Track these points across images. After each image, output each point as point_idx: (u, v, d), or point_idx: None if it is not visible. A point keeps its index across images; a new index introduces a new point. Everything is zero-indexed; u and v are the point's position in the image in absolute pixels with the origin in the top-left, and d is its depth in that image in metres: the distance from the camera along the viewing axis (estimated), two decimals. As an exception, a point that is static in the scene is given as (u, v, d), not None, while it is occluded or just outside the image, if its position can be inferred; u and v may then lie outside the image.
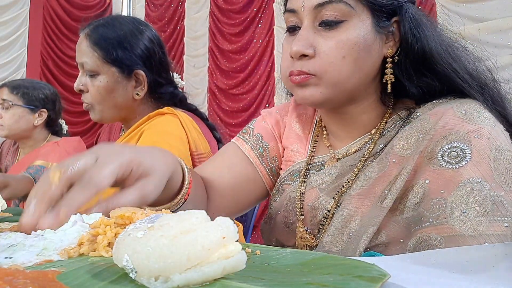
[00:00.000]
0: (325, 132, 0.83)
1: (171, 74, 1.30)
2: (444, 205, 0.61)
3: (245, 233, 1.52)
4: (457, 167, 0.62)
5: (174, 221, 0.36)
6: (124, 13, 5.82)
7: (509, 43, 3.04)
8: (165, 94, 1.25)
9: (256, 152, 0.88)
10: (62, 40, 5.65)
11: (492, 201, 0.59)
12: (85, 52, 1.17)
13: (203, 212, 0.37)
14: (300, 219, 0.78)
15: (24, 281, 0.31)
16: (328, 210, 0.74)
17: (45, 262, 0.40)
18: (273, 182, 0.89)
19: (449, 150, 0.63)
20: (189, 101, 1.31)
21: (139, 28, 1.22)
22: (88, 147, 1.54)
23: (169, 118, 1.15)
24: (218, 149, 1.24)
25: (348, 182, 0.73)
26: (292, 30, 0.74)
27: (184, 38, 5.27)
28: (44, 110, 1.90)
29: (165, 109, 1.18)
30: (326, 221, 0.74)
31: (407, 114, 0.74)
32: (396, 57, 0.73)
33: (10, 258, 0.40)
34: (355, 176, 0.73)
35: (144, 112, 1.22)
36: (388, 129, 0.75)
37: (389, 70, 0.73)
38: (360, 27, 0.69)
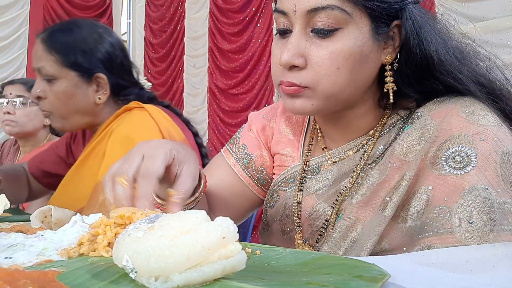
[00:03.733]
0: (320, 134, 0.79)
1: (136, 76, 1.28)
2: (449, 214, 0.58)
3: (245, 233, 1.52)
4: (462, 173, 0.59)
5: (174, 221, 0.36)
6: (124, 13, 5.83)
7: (508, 43, 3.03)
8: (130, 96, 1.22)
9: (241, 165, 0.86)
10: (62, 40, 5.63)
11: (500, 209, 0.56)
12: (41, 57, 1.14)
13: (203, 212, 0.37)
14: (298, 230, 0.76)
15: (24, 281, 0.31)
16: (326, 220, 0.72)
17: (45, 262, 0.41)
18: (264, 191, 0.87)
19: (453, 155, 0.60)
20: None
21: (98, 32, 1.20)
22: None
23: (137, 112, 1.14)
24: (196, 142, 1.24)
25: (346, 188, 0.71)
26: (283, 32, 0.68)
27: (184, 38, 5.27)
28: None
29: (132, 103, 1.17)
30: (325, 231, 0.72)
31: (407, 114, 0.70)
32: (396, 64, 0.68)
33: (10, 258, 0.40)
34: (353, 183, 0.70)
35: (109, 115, 1.19)
36: (387, 129, 0.71)
37: (389, 79, 0.68)
38: (356, 36, 0.63)
